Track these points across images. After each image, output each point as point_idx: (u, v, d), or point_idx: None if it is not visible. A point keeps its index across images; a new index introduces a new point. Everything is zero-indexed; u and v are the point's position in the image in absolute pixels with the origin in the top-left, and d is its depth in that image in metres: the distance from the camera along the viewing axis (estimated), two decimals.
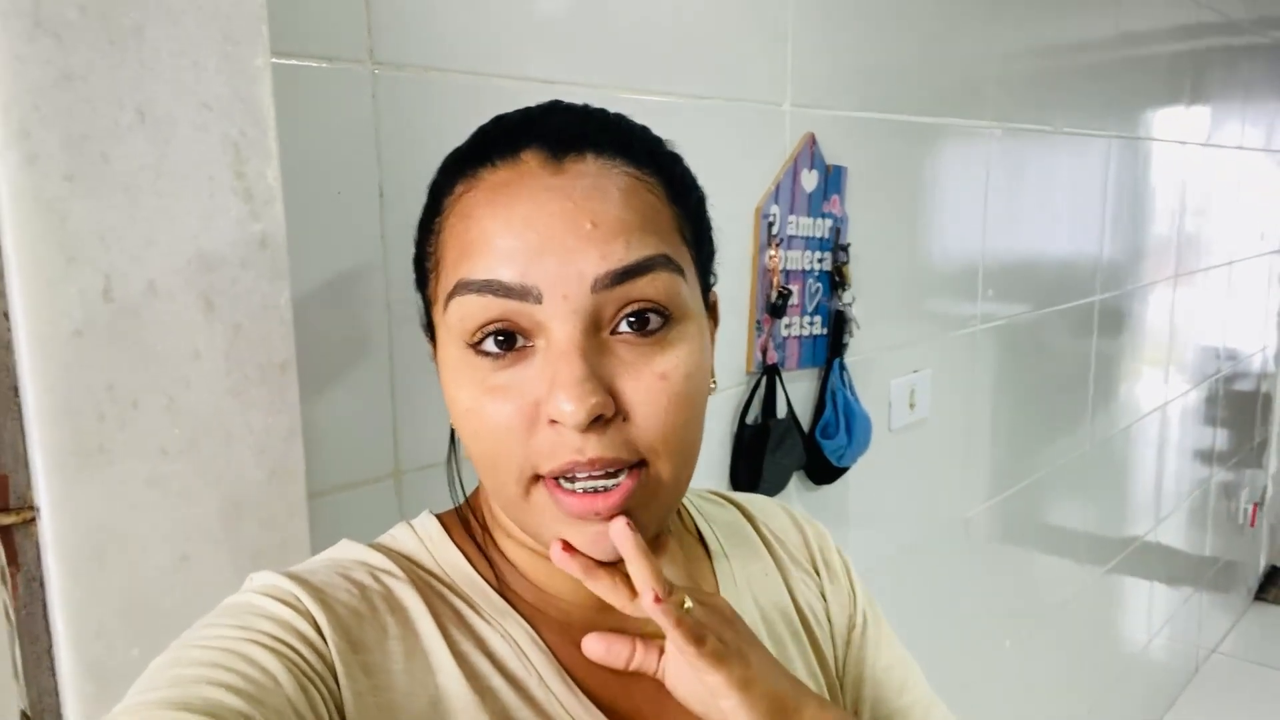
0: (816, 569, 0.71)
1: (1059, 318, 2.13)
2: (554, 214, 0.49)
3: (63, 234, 0.62)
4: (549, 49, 1.03)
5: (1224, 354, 3.18)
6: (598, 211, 0.49)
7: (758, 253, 1.29)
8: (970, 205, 1.78)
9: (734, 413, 1.32)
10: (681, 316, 0.52)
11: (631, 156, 0.53)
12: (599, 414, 0.48)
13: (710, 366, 0.57)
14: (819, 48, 1.37)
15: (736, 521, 0.71)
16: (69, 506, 0.64)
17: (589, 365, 0.48)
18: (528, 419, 0.50)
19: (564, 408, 0.47)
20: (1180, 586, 3.09)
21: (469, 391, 0.51)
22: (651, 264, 0.50)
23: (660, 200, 0.53)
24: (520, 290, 0.49)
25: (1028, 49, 1.87)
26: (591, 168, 0.51)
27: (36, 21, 0.60)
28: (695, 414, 0.53)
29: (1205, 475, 3.19)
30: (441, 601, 0.57)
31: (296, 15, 0.82)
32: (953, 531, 1.86)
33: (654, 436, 0.50)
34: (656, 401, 0.50)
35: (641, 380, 0.50)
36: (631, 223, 0.50)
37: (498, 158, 0.52)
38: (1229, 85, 2.87)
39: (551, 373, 0.49)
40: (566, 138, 0.52)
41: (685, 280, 0.53)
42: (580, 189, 0.50)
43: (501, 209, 0.50)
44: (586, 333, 0.49)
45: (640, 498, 0.51)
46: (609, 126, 0.55)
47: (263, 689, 0.46)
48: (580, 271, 0.48)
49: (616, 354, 0.50)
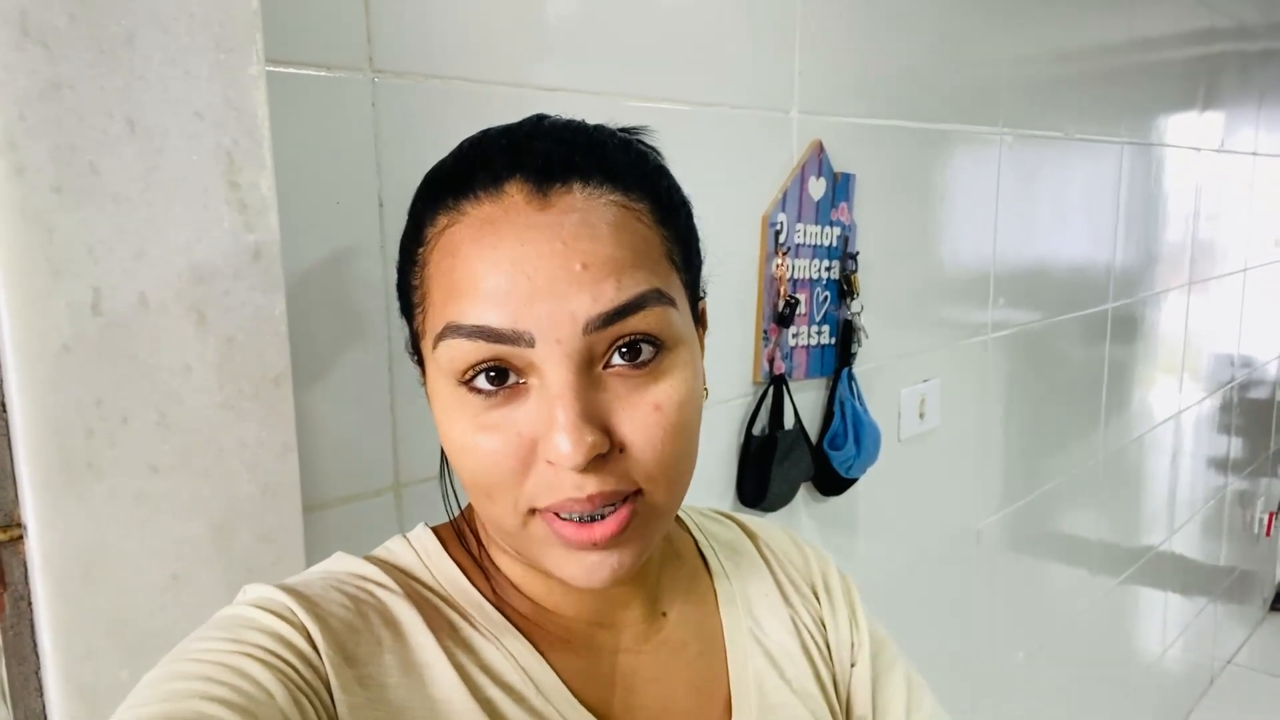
0: (817, 594, 0.69)
1: (1071, 325, 2.10)
2: (543, 255, 0.48)
3: (50, 246, 0.60)
4: (553, 56, 1.01)
5: (1239, 361, 3.14)
6: (588, 252, 0.48)
7: (764, 261, 1.27)
8: (981, 212, 1.75)
9: (741, 424, 1.30)
10: (674, 344, 0.52)
11: (618, 182, 0.52)
12: (596, 453, 0.48)
13: (701, 378, 0.57)
14: (826, 54, 1.35)
15: (738, 541, 0.70)
16: (57, 524, 0.62)
17: (585, 405, 0.48)
18: (523, 458, 0.49)
19: (562, 450, 0.47)
20: (1195, 597, 3.06)
21: (462, 428, 0.50)
22: (643, 301, 0.49)
23: (649, 226, 0.52)
24: (512, 336, 0.48)
25: (1038, 54, 1.85)
26: (579, 201, 0.50)
27: (24, 30, 0.59)
28: (690, 440, 0.53)
29: (1220, 484, 3.16)
30: (437, 615, 0.56)
31: (295, 23, 0.81)
32: (964, 542, 1.83)
33: (651, 467, 0.50)
34: (652, 434, 0.50)
35: (637, 413, 0.49)
36: (622, 260, 0.49)
37: (480, 190, 0.50)
38: (1243, 91, 2.84)
39: (548, 414, 0.48)
40: (551, 167, 0.50)
41: (676, 308, 0.52)
42: (568, 226, 0.49)
43: (489, 249, 0.49)
44: (580, 372, 0.48)
45: (636, 525, 0.51)
46: (594, 150, 0.53)
47: (256, 702, 0.45)
48: (572, 315, 0.48)
49: (610, 388, 0.50)
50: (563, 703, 0.55)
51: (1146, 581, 2.67)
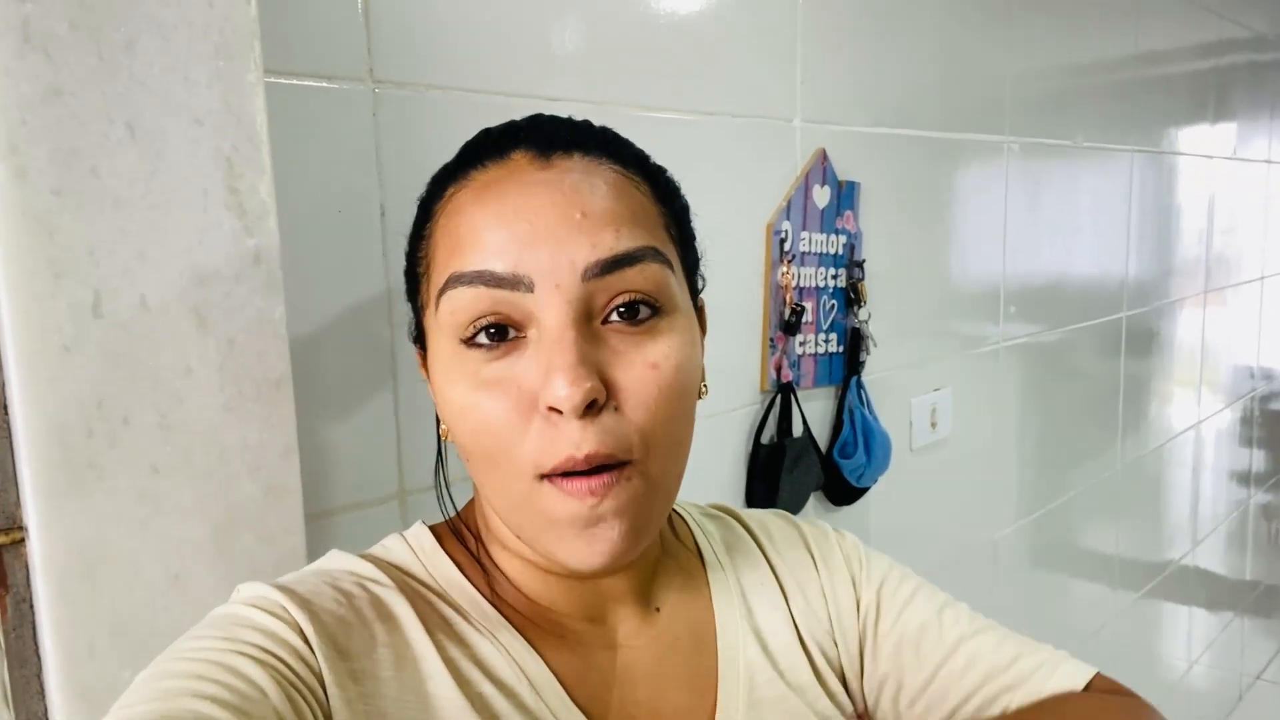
0: (817, 567, 0.69)
1: (1085, 335, 2.09)
2: (544, 204, 0.50)
3: (51, 249, 0.61)
4: (555, 66, 1.02)
5: (1259, 374, 3.11)
6: (587, 202, 0.50)
7: (770, 269, 1.27)
8: (990, 221, 1.75)
9: (749, 432, 1.30)
10: (671, 309, 0.53)
11: (616, 158, 0.54)
12: (593, 398, 0.48)
13: (700, 369, 0.57)
14: (828, 64, 1.36)
15: (735, 532, 0.70)
16: (58, 525, 0.63)
17: (581, 350, 0.48)
18: (524, 411, 0.49)
19: (559, 392, 0.47)
20: (1220, 611, 3.00)
21: (462, 387, 0.51)
22: (641, 254, 0.51)
23: (647, 198, 0.54)
24: (512, 280, 0.49)
25: (1044, 68, 1.85)
26: (579, 164, 0.52)
27: (25, 37, 0.60)
28: (685, 410, 0.53)
29: (1243, 497, 3.11)
30: (431, 610, 0.56)
31: (297, 35, 0.83)
32: (980, 554, 1.81)
33: (645, 427, 0.50)
34: (647, 390, 0.50)
35: (633, 369, 0.50)
36: (621, 214, 0.51)
37: (488, 159, 0.53)
38: (1255, 101, 2.83)
39: (546, 360, 0.49)
40: (555, 139, 0.53)
41: (674, 274, 0.53)
42: (569, 181, 0.51)
43: (492, 202, 0.51)
44: (578, 320, 0.49)
45: (631, 494, 0.51)
46: (595, 132, 0.56)
47: (249, 700, 0.45)
48: (571, 260, 0.49)
49: (608, 343, 0.50)
50: (555, 699, 0.55)
51: (1169, 595, 2.63)
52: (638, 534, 0.51)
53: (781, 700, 0.62)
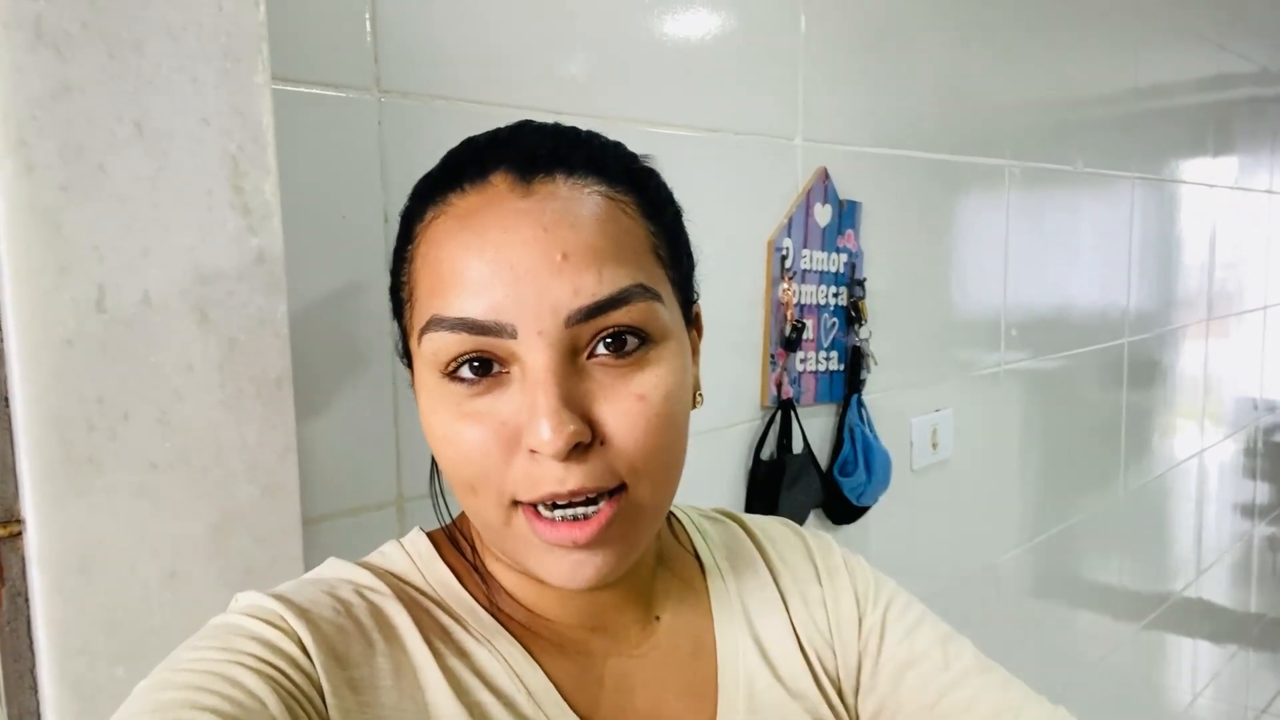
0: (820, 578, 0.68)
1: (1086, 360, 2.09)
2: (524, 242, 0.48)
3: (57, 243, 0.62)
4: (559, 80, 1.04)
5: (1262, 405, 3.10)
6: (569, 240, 0.48)
7: (771, 285, 1.28)
8: (991, 243, 1.76)
9: (749, 447, 1.30)
10: (660, 338, 0.51)
11: (604, 174, 0.52)
12: (577, 441, 0.47)
13: (695, 381, 0.57)
14: (831, 83, 1.37)
15: (736, 538, 0.69)
16: (56, 520, 0.63)
17: (565, 392, 0.48)
18: (505, 446, 0.49)
19: (543, 436, 0.47)
20: (1225, 644, 2.98)
21: (444, 417, 0.51)
22: (626, 296, 0.49)
23: (634, 219, 0.52)
24: (495, 328, 0.48)
25: (1045, 93, 1.87)
26: (562, 189, 0.50)
27: (38, 34, 0.61)
28: (676, 434, 0.52)
29: (1247, 528, 3.09)
30: (429, 618, 0.56)
31: (306, 44, 0.84)
32: (981, 578, 1.80)
33: (634, 459, 0.50)
34: (635, 424, 0.49)
35: (620, 403, 0.49)
36: (605, 251, 0.49)
37: (467, 182, 0.51)
38: (1256, 132, 2.85)
39: (530, 401, 0.48)
40: (536, 158, 0.51)
41: (663, 304, 0.52)
42: (550, 213, 0.49)
43: (472, 236, 0.49)
44: (562, 360, 0.49)
45: (620, 524, 0.51)
46: (580, 144, 0.54)
47: (249, 711, 0.45)
48: (554, 307, 0.48)
49: (593, 378, 0.50)
50: (553, 708, 0.55)
51: (1172, 627, 2.61)
52: (623, 557, 0.51)
53: (781, 707, 0.61)
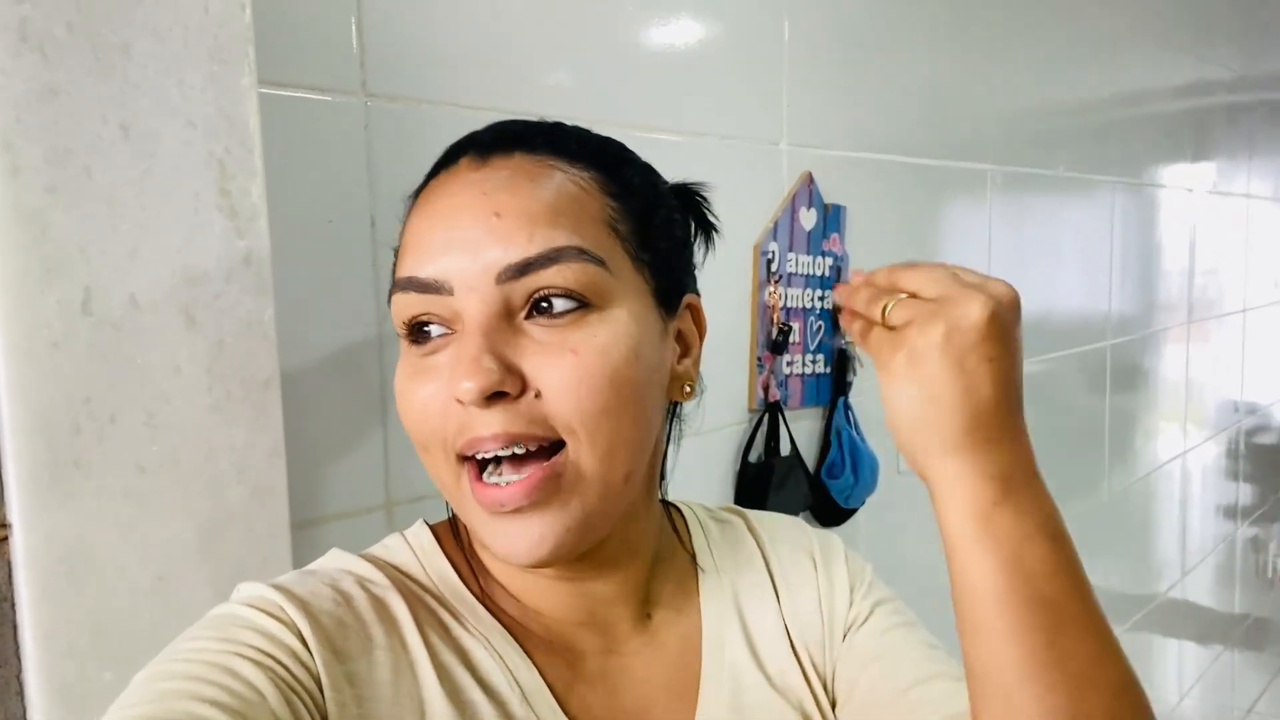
0: (817, 574, 0.68)
1: (1069, 363, 2.11)
2: (464, 206, 0.52)
3: (43, 245, 0.62)
4: (544, 85, 1.04)
5: (1243, 407, 3.13)
6: (504, 203, 0.51)
7: (757, 289, 1.29)
8: (974, 247, 1.77)
9: (736, 450, 1.30)
10: (604, 304, 0.52)
11: (561, 152, 0.55)
12: (497, 389, 0.49)
13: (684, 373, 0.58)
14: (815, 88, 1.38)
15: (738, 534, 0.69)
16: (42, 523, 0.62)
17: (491, 343, 0.50)
18: (445, 399, 0.51)
19: (462, 385, 0.49)
20: (1210, 644, 3.00)
21: (401, 377, 0.54)
22: (558, 255, 0.51)
23: (588, 193, 0.54)
24: (434, 285, 0.51)
25: (1027, 99, 1.89)
26: (516, 163, 0.53)
27: (23, 36, 0.61)
28: (618, 398, 0.51)
29: (1230, 530, 3.12)
30: (427, 612, 0.56)
31: (292, 48, 0.84)
32: None
33: (568, 414, 0.50)
34: (566, 376, 0.50)
35: (551, 356, 0.51)
36: (538, 213, 0.51)
37: (441, 169, 0.56)
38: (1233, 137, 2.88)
39: (458, 353, 0.51)
40: (499, 140, 0.55)
41: (609, 270, 0.52)
42: (494, 181, 0.52)
43: (428, 208, 0.54)
44: (496, 317, 0.51)
45: (559, 491, 0.51)
46: (547, 130, 0.57)
47: (247, 703, 0.45)
48: (485, 265, 0.50)
49: (529, 335, 0.51)
50: (545, 709, 0.55)
51: (1157, 628, 2.62)
52: (567, 529, 0.51)
53: (768, 704, 0.61)
